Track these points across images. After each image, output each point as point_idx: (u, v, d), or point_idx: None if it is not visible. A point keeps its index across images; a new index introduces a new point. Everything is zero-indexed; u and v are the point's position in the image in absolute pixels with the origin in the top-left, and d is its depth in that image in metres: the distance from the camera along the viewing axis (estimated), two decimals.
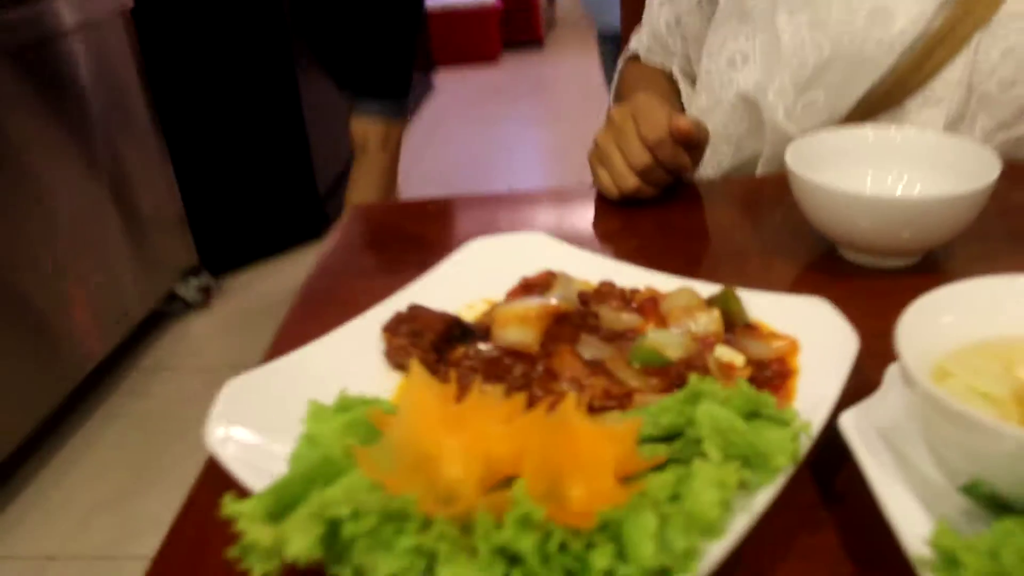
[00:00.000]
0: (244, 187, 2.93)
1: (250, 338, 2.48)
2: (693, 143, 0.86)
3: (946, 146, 0.78)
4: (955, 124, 0.91)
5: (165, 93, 2.58)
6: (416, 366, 0.50)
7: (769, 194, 0.95)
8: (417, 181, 3.73)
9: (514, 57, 5.64)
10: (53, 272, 2.11)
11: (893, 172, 0.80)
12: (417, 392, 0.49)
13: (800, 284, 0.76)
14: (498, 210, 0.99)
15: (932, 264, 0.76)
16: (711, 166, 1.05)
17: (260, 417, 0.55)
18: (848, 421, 0.49)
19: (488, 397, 0.48)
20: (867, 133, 0.81)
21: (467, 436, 0.47)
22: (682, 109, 1.13)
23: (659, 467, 0.46)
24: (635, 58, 1.26)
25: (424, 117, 4.63)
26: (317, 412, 0.53)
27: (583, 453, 0.44)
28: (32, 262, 2.04)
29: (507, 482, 0.46)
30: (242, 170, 2.91)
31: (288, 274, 2.90)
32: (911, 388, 0.47)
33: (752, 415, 0.48)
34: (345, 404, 0.53)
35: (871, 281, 0.74)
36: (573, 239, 0.74)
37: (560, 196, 1.01)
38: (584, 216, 0.92)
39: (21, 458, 2.06)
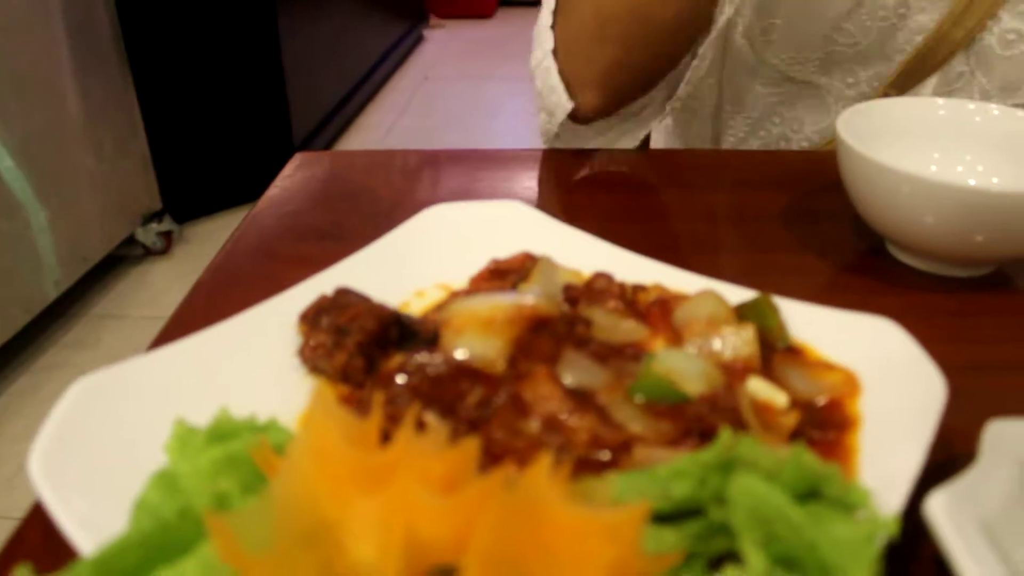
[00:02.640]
0: (215, 130, 2.75)
1: None
2: None
3: None
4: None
5: (137, 25, 2.40)
6: (322, 389, 0.34)
7: (806, 172, 0.78)
8: (399, 135, 3.56)
9: (509, 12, 5.43)
10: (8, 208, 1.94)
11: (966, 158, 0.64)
12: (319, 428, 0.33)
13: (835, 290, 0.61)
14: (476, 170, 0.82)
15: (1005, 278, 0.61)
16: None
17: (110, 440, 0.39)
18: (939, 508, 0.34)
19: (423, 443, 0.33)
20: (936, 106, 0.66)
21: (387, 500, 0.31)
22: None
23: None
24: None
25: (411, 69, 4.43)
26: (183, 439, 0.37)
27: (560, 549, 0.29)
28: None
29: (442, 575, 0.31)
30: (214, 112, 2.73)
31: None
32: None
33: (808, 495, 0.33)
34: (223, 429, 0.37)
35: (927, 293, 0.59)
36: (561, 214, 0.58)
37: (552, 159, 0.83)
38: (578, 186, 0.76)
39: None
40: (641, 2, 0.72)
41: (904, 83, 0.83)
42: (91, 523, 0.35)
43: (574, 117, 0.79)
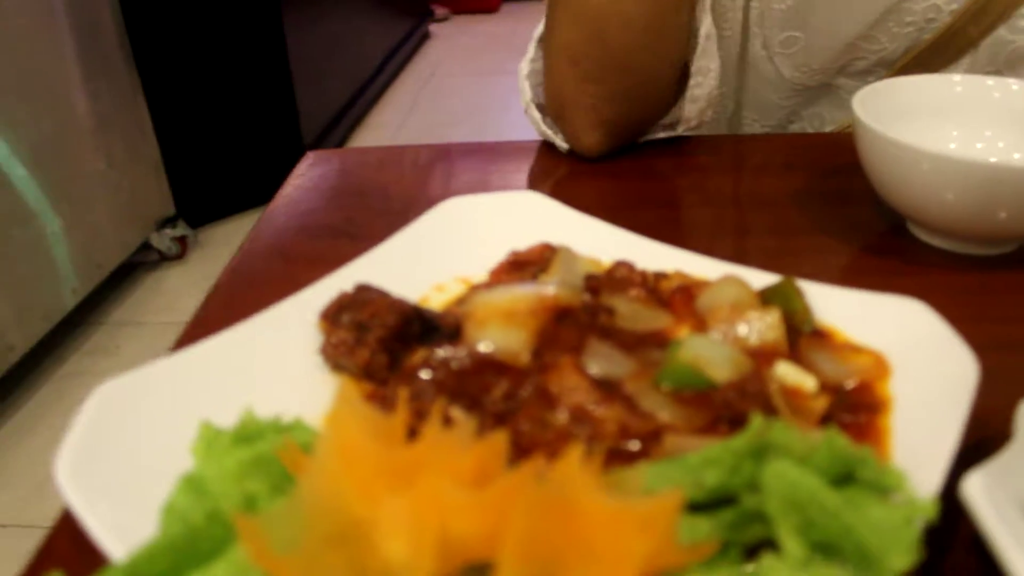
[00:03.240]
0: (225, 134, 2.75)
1: None
2: None
3: None
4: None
5: (143, 29, 2.39)
6: (346, 386, 0.34)
7: (824, 154, 0.78)
8: (409, 133, 3.56)
9: (514, 6, 5.42)
10: (22, 217, 1.94)
11: (986, 134, 0.64)
12: (345, 427, 0.33)
13: (857, 271, 0.60)
14: (489, 163, 0.82)
15: None
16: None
17: (135, 444, 0.39)
18: (975, 489, 0.33)
19: (450, 437, 0.32)
20: (953, 83, 0.65)
21: (417, 497, 0.31)
22: None
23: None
24: None
25: (418, 66, 4.42)
26: (209, 441, 0.37)
27: (594, 542, 0.29)
28: None
29: (475, 572, 0.30)
30: (224, 116, 2.73)
31: None
32: None
33: (843, 479, 0.32)
34: (249, 430, 0.37)
35: (951, 273, 0.58)
36: (578, 203, 0.58)
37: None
38: (593, 174, 0.76)
39: None
40: (602, 29, 0.70)
41: None
42: (120, 529, 0.34)
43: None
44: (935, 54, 0.78)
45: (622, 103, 0.74)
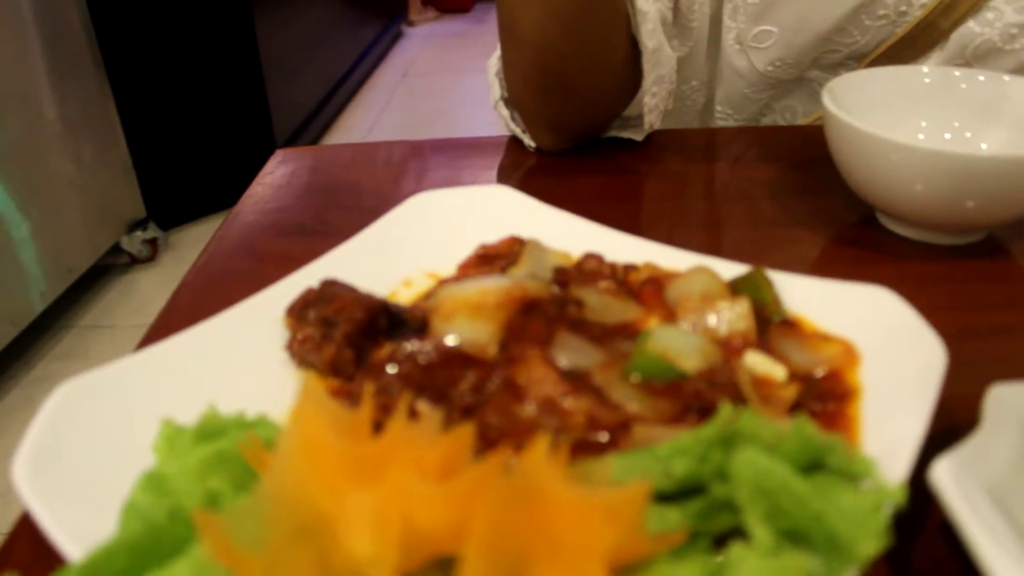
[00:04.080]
0: (196, 135, 2.72)
1: None
2: None
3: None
4: None
5: (111, 30, 2.36)
6: (311, 381, 0.33)
7: (794, 147, 0.78)
8: (382, 133, 3.55)
9: (488, 6, 5.41)
10: None
11: (953, 124, 0.64)
12: (308, 421, 0.32)
13: (828, 262, 0.60)
14: (460, 159, 0.82)
15: (996, 244, 0.60)
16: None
17: (96, 444, 0.38)
18: (944, 475, 0.33)
19: (416, 431, 0.32)
20: (921, 74, 0.65)
21: (382, 491, 0.30)
22: None
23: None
24: None
25: (392, 66, 4.41)
26: (171, 439, 0.36)
27: (561, 533, 0.28)
28: None
29: (441, 566, 0.30)
30: (194, 117, 2.70)
31: None
32: None
33: (812, 466, 0.32)
34: (211, 427, 0.36)
35: (920, 262, 0.59)
36: (549, 197, 0.58)
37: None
38: (564, 168, 0.75)
39: None
40: (541, 57, 0.70)
41: None
42: (79, 529, 0.33)
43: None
44: (906, 47, 0.78)
45: (574, 113, 0.75)
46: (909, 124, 0.64)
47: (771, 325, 0.44)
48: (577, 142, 0.78)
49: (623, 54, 0.73)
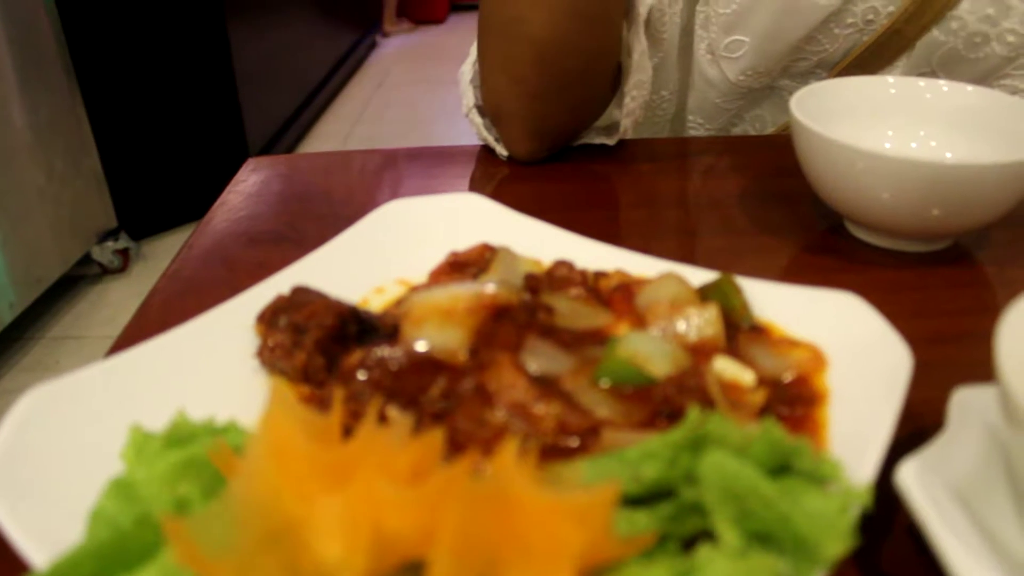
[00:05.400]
0: (168, 145, 2.70)
1: None
2: None
3: (987, 105, 0.63)
4: None
5: (82, 39, 2.34)
6: (280, 386, 0.33)
7: (763, 156, 0.79)
8: (357, 143, 3.54)
9: (461, 17, 5.43)
10: None
11: (919, 134, 0.65)
12: (278, 426, 0.32)
13: (796, 269, 0.61)
14: (433, 167, 0.82)
15: (961, 252, 0.61)
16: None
17: (64, 451, 0.38)
18: (910, 477, 0.34)
19: (385, 435, 0.32)
20: (887, 84, 0.66)
21: (351, 496, 0.30)
22: None
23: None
24: None
25: (366, 76, 4.40)
26: (140, 445, 0.36)
27: (530, 536, 0.28)
28: None
29: (410, 570, 0.30)
30: (167, 127, 2.68)
31: None
32: (1017, 429, 0.32)
33: (780, 469, 0.32)
34: (180, 433, 0.36)
35: (887, 269, 0.59)
36: (520, 205, 0.58)
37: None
38: (536, 176, 0.76)
39: None
40: (542, 54, 0.70)
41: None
42: (46, 537, 0.33)
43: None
44: (873, 55, 0.79)
45: (562, 115, 0.75)
46: (876, 133, 0.65)
47: (740, 331, 0.44)
48: (553, 150, 0.78)
49: (617, 55, 0.74)
